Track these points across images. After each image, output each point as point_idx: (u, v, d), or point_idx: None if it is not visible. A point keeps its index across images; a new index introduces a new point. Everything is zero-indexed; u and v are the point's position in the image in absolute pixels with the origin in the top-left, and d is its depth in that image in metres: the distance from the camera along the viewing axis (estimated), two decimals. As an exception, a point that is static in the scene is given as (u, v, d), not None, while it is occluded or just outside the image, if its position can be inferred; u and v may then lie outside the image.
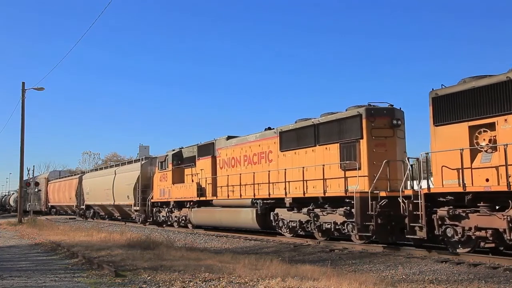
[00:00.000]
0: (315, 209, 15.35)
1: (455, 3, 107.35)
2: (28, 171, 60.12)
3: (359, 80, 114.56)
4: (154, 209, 26.57)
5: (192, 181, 22.52)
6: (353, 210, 13.77)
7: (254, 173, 18.06)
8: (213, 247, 16.65)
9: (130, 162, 32.21)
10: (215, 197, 20.68)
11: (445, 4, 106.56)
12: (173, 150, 25.18)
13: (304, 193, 15.56)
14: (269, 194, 17.16)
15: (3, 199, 78.64)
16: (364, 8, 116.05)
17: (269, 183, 17.23)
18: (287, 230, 16.95)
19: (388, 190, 13.17)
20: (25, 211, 41.20)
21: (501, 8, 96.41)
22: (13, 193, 72.15)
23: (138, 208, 28.36)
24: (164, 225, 25.83)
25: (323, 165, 14.84)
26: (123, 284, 8.00)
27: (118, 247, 13.82)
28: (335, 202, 14.68)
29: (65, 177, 47.63)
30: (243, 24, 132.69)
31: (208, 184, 21.34)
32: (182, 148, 24.84)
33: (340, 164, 14.55)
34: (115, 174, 32.53)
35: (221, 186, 20.55)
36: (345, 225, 14.21)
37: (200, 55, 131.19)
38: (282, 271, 8.58)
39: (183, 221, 23.77)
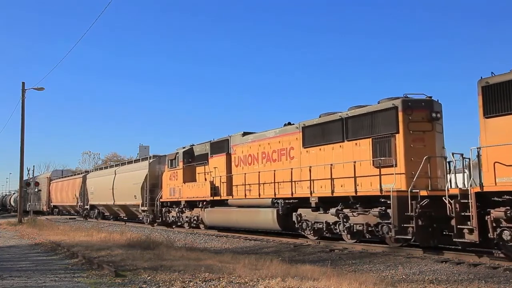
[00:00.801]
0: (344, 209, 14.28)
1: (455, 3, 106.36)
2: (28, 171, 59.34)
3: (359, 80, 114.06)
4: (164, 209, 25.47)
5: (205, 179, 21.41)
6: (388, 210, 12.72)
7: (274, 171, 16.96)
8: (213, 247, 16.41)
9: (137, 161, 31.06)
10: (230, 197, 19.59)
11: (446, 4, 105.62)
12: (184, 148, 24.10)
13: (332, 192, 14.47)
14: (292, 193, 16.07)
15: (3, 199, 77.59)
16: (364, 8, 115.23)
17: (291, 181, 16.12)
18: (311, 232, 15.86)
19: (429, 188, 12.11)
20: (25, 211, 40.65)
21: (501, 8, 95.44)
22: (14, 193, 71.10)
23: (146, 208, 27.26)
24: (173, 226, 24.76)
25: (354, 162, 13.75)
26: (123, 284, 7.97)
27: (118, 247, 13.73)
28: (367, 202, 13.62)
29: (68, 176, 46.49)
30: (243, 24, 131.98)
31: (223, 182, 20.25)
32: (193, 145, 23.76)
33: (373, 161, 13.47)
34: (122, 173, 31.41)
35: (237, 185, 19.47)
36: (379, 227, 13.13)
37: (200, 55, 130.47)
38: (282, 271, 8.54)
39: (195, 222, 22.67)
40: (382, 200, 12.76)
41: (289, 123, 17.78)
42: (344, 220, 14.17)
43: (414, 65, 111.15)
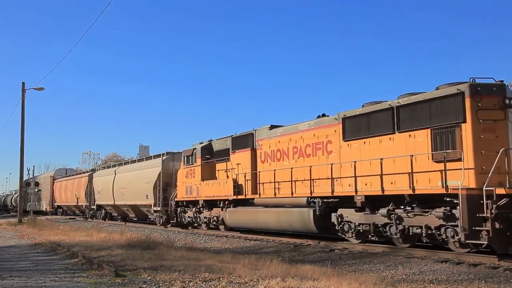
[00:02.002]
0: (395, 210, 12.65)
1: (455, 3, 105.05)
2: (28, 171, 58.06)
3: (359, 80, 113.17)
4: (179, 209, 23.79)
5: (227, 177, 19.76)
6: (454, 211, 11.09)
7: (311, 166, 15.30)
8: (213, 247, 16.31)
9: (148, 158, 29.36)
10: (256, 195, 17.93)
11: (446, 4, 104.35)
12: (201, 143, 22.45)
13: (382, 190, 12.82)
14: (332, 192, 14.40)
15: (3, 199, 76.01)
16: (364, 8, 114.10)
17: (331, 178, 14.47)
18: (354, 235, 14.21)
19: (508, 186, 10.48)
20: (25, 211, 39.70)
21: (501, 8, 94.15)
22: (15, 193, 69.50)
23: (159, 208, 25.58)
24: (189, 227, 23.10)
25: (411, 156, 12.09)
26: (123, 284, 7.94)
27: (118, 247, 13.70)
28: (425, 201, 12.00)
29: (73, 175, 44.79)
30: (243, 24, 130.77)
31: (247, 180, 18.56)
32: (211, 140, 22.11)
33: (433, 154, 11.82)
34: (132, 171, 29.72)
35: (264, 183, 17.80)
36: (442, 230, 11.49)
37: (200, 55, 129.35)
38: (282, 271, 8.52)
39: (214, 222, 21.02)
40: (448, 199, 11.12)
41: (324, 115, 16.16)
42: (397, 221, 12.53)
43: (414, 65, 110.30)
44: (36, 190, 48.72)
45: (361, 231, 13.82)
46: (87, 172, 41.60)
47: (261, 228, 18.23)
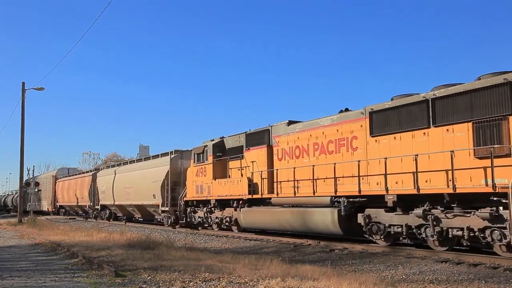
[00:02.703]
0: (432, 210, 11.71)
1: (455, 3, 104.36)
2: (28, 171, 57.21)
3: (359, 80, 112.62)
4: (188, 209, 22.83)
5: (242, 175, 18.81)
6: (501, 211, 10.15)
7: (335, 164, 14.36)
8: (213, 247, 16.21)
9: (155, 157, 28.37)
10: (273, 195, 16.98)
11: (446, 4, 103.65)
12: (212, 140, 21.50)
13: (418, 189, 11.87)
14: (360, 191, 13.45)
15: (4, 199, 75.11)
16: (364, 8, 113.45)
17: (359, 176, 13.52)
18: (382, 237, 13.26)
19: None
20: (25, 211, 39.10)
21: (501, 8, 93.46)
22: (16, 193, 68.58)
23: (167, 208, 24.62)
24: (199, 228, 22.16)
25: (452, 152, 11.14)
26: (123, 284, 7.90)
27: (118, 247, 13.69)
28: (465, 201, 11.06)
29: (75, 174, 43.80)
30: (243, 24, 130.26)
31: (263, 178, 17.62)
32: (223, 137, 21.17)
33: (475, 150, 10.87)
34: (138, 170, 28.73)
35: (281, 181, 16.85)
36: (487, 232, 10.53)
37: (200, 55, 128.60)
38: (282, 271, 8.50)
39: (227, 223, 20.07)
40: (495, 198, 10.17)
41: (347, 109, 15.23)
42: (434, 223, 11.58)
43: (414, 65, 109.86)
44: (36, 190, 47.77)
45: (392, 232, 12.86)
46: (91, 171, 40.61)
47: (278, 229, 17.31)
